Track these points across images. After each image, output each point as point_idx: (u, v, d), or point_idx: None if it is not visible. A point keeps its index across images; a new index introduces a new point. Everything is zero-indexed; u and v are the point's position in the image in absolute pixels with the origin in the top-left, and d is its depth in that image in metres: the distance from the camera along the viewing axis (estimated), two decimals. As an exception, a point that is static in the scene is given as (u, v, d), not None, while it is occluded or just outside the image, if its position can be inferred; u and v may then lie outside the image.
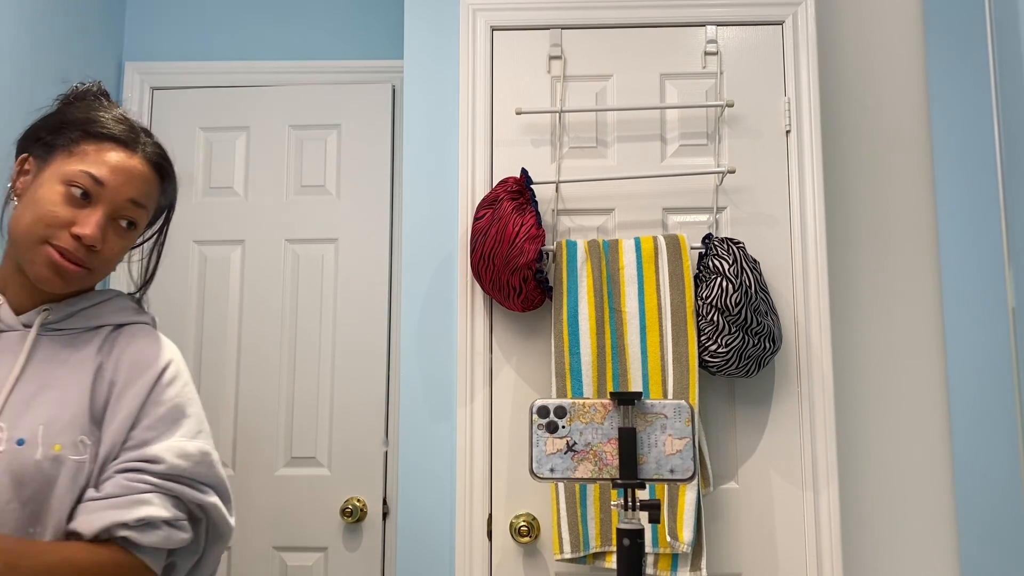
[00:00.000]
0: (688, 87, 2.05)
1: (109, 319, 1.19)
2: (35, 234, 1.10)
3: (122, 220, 1.16)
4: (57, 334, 1.16)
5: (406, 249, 2.03)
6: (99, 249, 1.13)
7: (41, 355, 1.13)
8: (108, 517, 1.04)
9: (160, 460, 1.08)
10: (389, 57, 2.63)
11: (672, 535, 1.77)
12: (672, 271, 1.86)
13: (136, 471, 1.08)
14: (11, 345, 1.12)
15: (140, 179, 1.17)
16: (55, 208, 1.11)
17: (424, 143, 2.06)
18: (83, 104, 1.22)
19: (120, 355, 1.16)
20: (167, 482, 1.09)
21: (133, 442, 1.10)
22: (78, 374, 1.12)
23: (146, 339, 1.19)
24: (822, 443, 1.90)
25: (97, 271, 1.16)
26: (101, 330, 1.18)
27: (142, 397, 1.13)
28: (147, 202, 1.19)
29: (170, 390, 1.15)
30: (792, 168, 2.00)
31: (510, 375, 1.96)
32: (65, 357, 1.13)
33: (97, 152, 1.15)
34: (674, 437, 0.97)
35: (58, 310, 1.16)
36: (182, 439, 1.12)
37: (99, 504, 1.05)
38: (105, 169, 1.14)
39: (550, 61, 2.05)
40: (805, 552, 1.89)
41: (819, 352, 1.93)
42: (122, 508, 1.05)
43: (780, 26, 2.06)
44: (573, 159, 2.02)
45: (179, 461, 1.10)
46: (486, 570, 1.89)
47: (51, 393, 1.10)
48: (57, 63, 2.34)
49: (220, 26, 2.70)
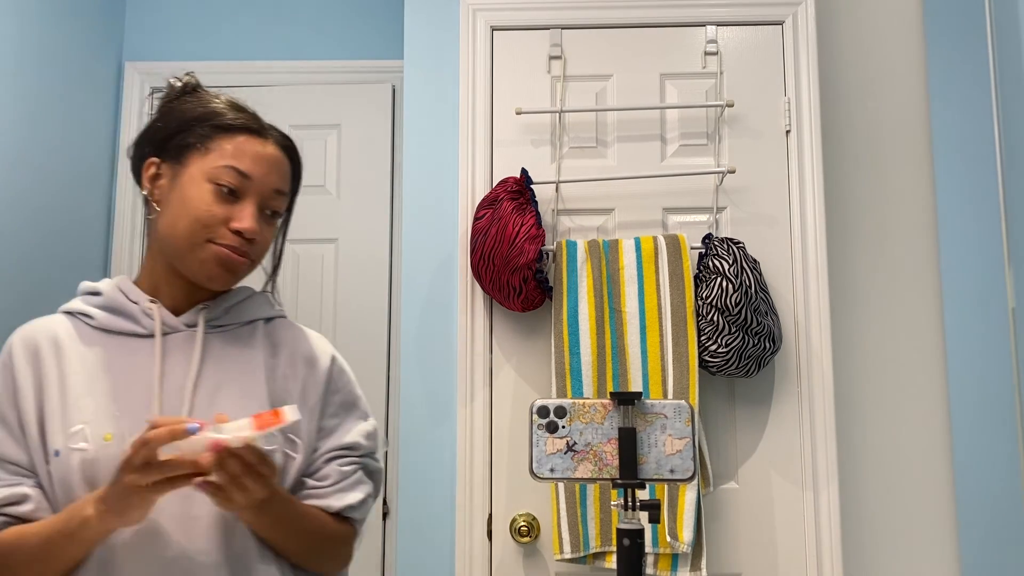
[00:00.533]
0: (688, 87, 2.05)
1: (258, 313, 1.22)
2: (197, 236, 1.11)
3: (268, 210, 1.17)
4: (218, 331, 1.18)
5: (406, 249, 2.03)
6: (257, 240, 1.15)
7: (212, 352, 1.15)
8: (343, 500, 1.17)
9: (358, 446, 1.22)
10: (389, 57, 2.62)
11: (672, 535, 1.77)
12: (672, 271, 1.86)
13: (342, 458, 1.20)
14: (179, 345, 1.14)
15: (279, 167, 1.18)
16: (210, 207, 1.11)
17: (424, 143, 2.06)
18: (194, 98, 1.20)
19: (287, 349, 1.22)
20: (363, 459, 1.23)
21: (326, 431, 1.21)
22: (251, 368, 1.16)
23: (303, 332, 1.26)
24: (822, 443, 1.90)
25: (255, 262, 1.18)
26: (255, 324, 1.22)
27: (321, 388, 1.21)
28: (286, 188, 1.20)
29: (342, 378, 1.25)
30: (792, 168, 2.00)
31: (510, 375, 1.96)
32: (234, 353, 1.16)
33: (233, 145, 1.14)
34: (674, 437, 0.98)
35: (215, 307, 1.18)
36: (360, 421, 1.24)
37: (330, 490, 1.17)
38: (248, 161, 1.14)
39: (550, 61, 2.05)
40: (805, 552, 1.89)
41: (819, 352, 1.93)
42: (347, 491, 1.18)
43: (780, 26, 2.05)
44: (573, 159, 2.02)
45: (367, 442, 1.24)
46: (486, 570, 1.89)
47: (231, 388, 1.13)
48: (57, 63, 2.34)
49: (220, 26, 2.70)
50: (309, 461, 1.19)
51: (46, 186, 2.27)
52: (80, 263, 2.45)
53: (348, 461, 1.20)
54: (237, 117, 1.17)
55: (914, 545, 1.95)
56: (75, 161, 2.42)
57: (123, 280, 1.19)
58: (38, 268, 2.23)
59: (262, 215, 1.16)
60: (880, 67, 2.11)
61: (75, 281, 2.61)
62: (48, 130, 2.29)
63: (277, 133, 1.21)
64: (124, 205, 2.59)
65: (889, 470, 1.97)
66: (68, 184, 2.39)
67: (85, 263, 2.48)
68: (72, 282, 2.39)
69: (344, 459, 1.20)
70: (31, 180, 2.21)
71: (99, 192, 2.56)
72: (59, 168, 2.34)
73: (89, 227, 2.50)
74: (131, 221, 2.59)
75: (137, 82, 2.64)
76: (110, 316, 1.14)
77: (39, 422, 1.08)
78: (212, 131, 1.15)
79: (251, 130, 1.16)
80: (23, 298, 2.17)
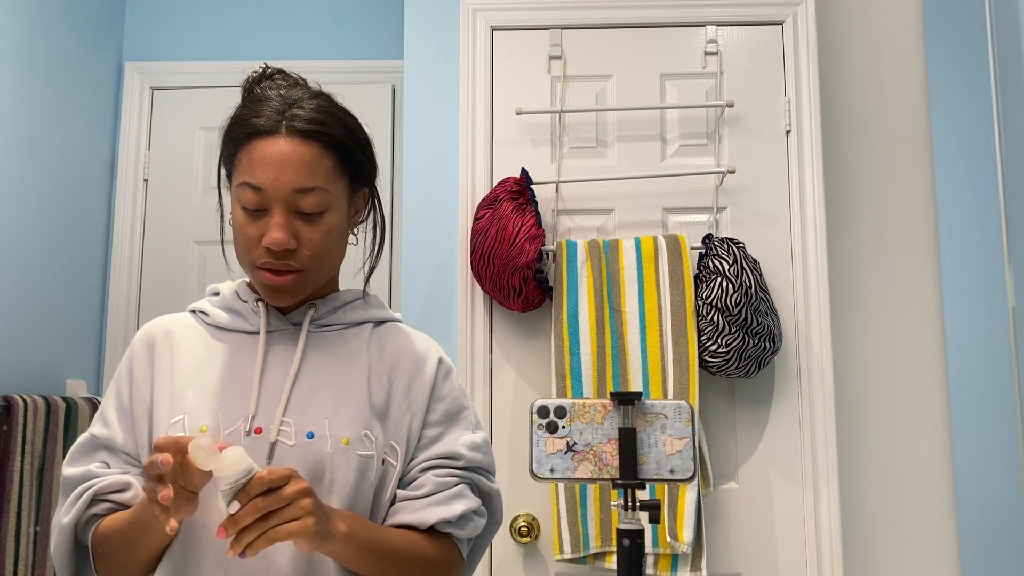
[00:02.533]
0: (688, 87, 2.05)
1: (370, 316, 1.19)
2: (245, 261, 1.10)
3: (299, 211, 1.07)
4: (325, 331, 1.16)
5: (406, 249, 2.03)
6: (296, 248, 1.07)
7: (314, 351, 1.13)
8: (437, 514, 1.08)
9: (460, 456, 1.13)
10: (389, 57, 2.62)
11: (672, 535, 1.77)
12: (672, 271, 1.86)
13: (441, 467, 1.12)
14: (283, 343, 1.13)
15: (292, 163, 1.05)
16: (245, 229, 1.07)
17: (424, 143, 2.06)
18: (240, 104, 1.14)
19: (393, 352, 1.16)
20: (468, 472, 1.13)
21: (426, 440, 1.13)
22: (353, 369, 1.12)
23: (412, 337, 1.20)
24: (822, 443, 1.90)
25: (313, 269, 1.09)
26: (364, 326, 1.18)
27: (426, 394, 1.15)
28: (313, 181, 1.06)
29: (447, 384, 1.18)
30: (792, 168, 2.00)
31: (510, 375, 1.96)
32: (337, 352, 1.14)
33: (247, 155, 1.06)
34: (674, 437, 0.97)
35: (323, 306, 1.16)
36: (467, 431, 1.16)
37: (423, 502, 1.09)
38: (258, 171, 1.05)
39: (550, 61, 2.05)
40: (805, 552, 1.89)
41: (819, 352, 1.93)
42: (444, 504, 1.09)
43: (780, 26, 2.05)
44: (573, 159, 2.02)
45: (473, 454, 1.14)
46: (486, 570, 1.89)
47: (330, 388, 1.10)
48: (57, 63, 2.34)
49: (220, 26, 2.70)
50: (405, 471, 1.12)
51: (46, 186, 2.27)
52: (80, 263, 2.45)
53: (448, 472, 1.11)
54: (252, 121, 1.07)
55: (914, 545, 1.95)
56: (75, 161, 2.42)
57: (240, 282, 1.20)
58: (38, 268, 2.23)
59: (296, 218, 1.07)
60: (880, 67, 2.11)
61: (75, 281, 2.62)
62: (48, 130, 2.29)
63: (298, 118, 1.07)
64: (124, 205, 2.59)
65: (889, 470, 1.97)
66: (68, 184, 2.39)
67: (85, 263, 2.48)
68: (72, 282, 2.40)
69: (443, 469, 1.12)
70: (31, 180, 2.21)
71: (99, 192, 2.56)
72: (59, 168, 2.34)
73: (89, 227, 2.50)
74: (131, 221, 2.59)
75: (137, 82, 2.64)
76: (224, 314, 1.16)
77: (149, 412, 1.10)
78: (235, 146, 1.09)
79: (260, 131, 1.06)
80: (23, 298, 2.17)
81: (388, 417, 1.12)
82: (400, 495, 1.10)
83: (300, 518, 0.91)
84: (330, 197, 1.08)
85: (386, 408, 1.12)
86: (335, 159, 1.09)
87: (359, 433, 1.08)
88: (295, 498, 0.91)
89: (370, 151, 1.16)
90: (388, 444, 1.10)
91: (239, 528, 0.88)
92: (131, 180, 2.61)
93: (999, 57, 1.92)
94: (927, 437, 1.98)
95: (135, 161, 2.61)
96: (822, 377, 1.92)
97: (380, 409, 1.11)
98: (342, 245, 1.15)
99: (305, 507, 0.92)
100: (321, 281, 1.13)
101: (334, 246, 1.11)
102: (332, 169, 1.08)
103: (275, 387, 1.09)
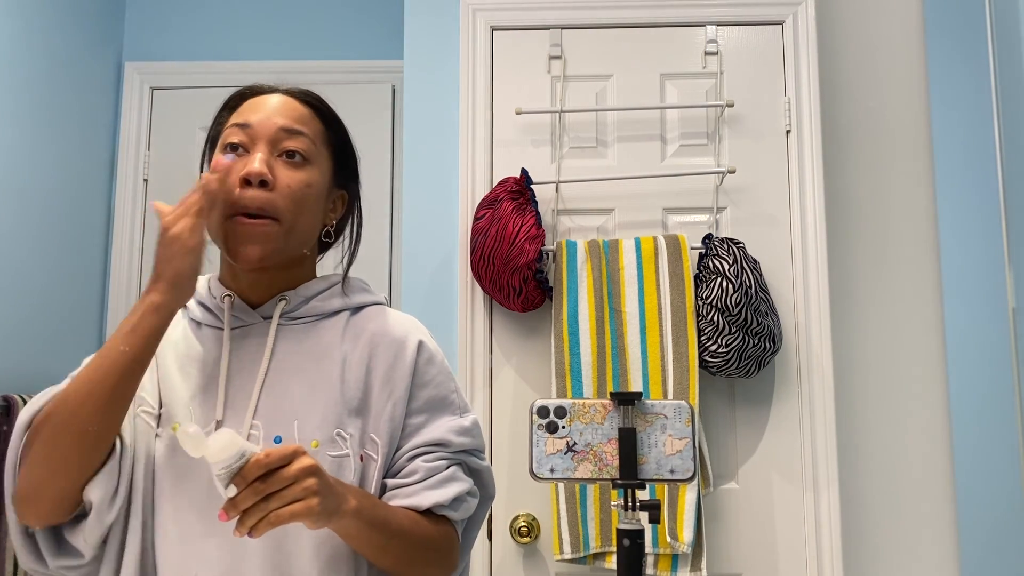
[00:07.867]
0: (688, 87, 2.05)
1: (345, 303, 1.14)
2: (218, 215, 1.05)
3: (284, 153, 1.08)
4: (297, 323, 1.11)
5: (406, 249, 2.03)
6: (272, 184, 1.05)
7: (285, 346, 1.09)
8: (431, 498, 1.06)
9: (449, 443, 1.10)
10: (389, 57, 2.62)
11: (672, 535, 1.77)
12: (672, 271, 1.86)
13: (429, 454, 1.09)
14: (253, 338, 1.10)
15: (285, 107, 1.10)
16: None
17: (424, 143, 2.06)
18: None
19: (370, 339, 1.11)
20: (458, 455, 1.12)
21: (411, 428, 1.10)
22: (325, 365, 1.08)
23: (390, 320, 1.15)
24: (822, 443, 1.90)
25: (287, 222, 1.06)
26: (340, 315, 1.13)
27: (407, 381, 1.10)
28: (303, 128, 1.10)
29: (430, 369, 1.13)
30: (792, 168, 2.00)
31: (510, 375, 1.96)
32: (309, 347, 1.09)
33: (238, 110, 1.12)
34: (674, 437, 0.97)
35: (294, 297, 1.12)
36: (454, 416, 1.13)
37: (417, 487, 1.07)
38: (248, 112, 1.10)
39: (550, 61, 2.05)
40: (805, 552, 1.89)
41: (819, 352, 1.93)
42: (437, 488, 1.07)
43: (780, 26, 2.05)
44: (573, 159, 2.02)
45: (462, 439, 1.12)
46: (486, 570, 1.89)
47: (300, 387, 1.06)
48: (57, 63, 2.34)
49: (220, 26, 2.70)
50: (392, 461, 1.09)
51: (46, 186, 2.27)
52: (80, 263, 2.45)
53: (438, 457, 1.09)
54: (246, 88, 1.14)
55: (914, 545, 1.95)
56: (75, 161, 2.42)
57: (212, 276, 1.17)
58: (38, 268, 2.23)
59: (280, 161, 1.07)
60: (880, 67, 2.11)
61: (75, 281, 2.61)
62: (48, 130, 2.29)
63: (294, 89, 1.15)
64: (124, 205, 2.59)
65: (889, 470, 1.97)
66: (68, 184, 2.39)
67: (85, 263, 2.48)
68: (72, 282, 2.40)
69: (432, 455, 1.09)
70: (31, 180, 2.21)
71: (99, 192, 2.56)
72: (59, 168, 2.34)
73: (89, 227, 2.50)
74: (131, 221, 2.59)
75: (137, 82, 2.64)
76: (198, 309, 1.14)
77: None
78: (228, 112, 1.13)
79: (256, 91, 1.13)
80: (23, 298, 2.17)
81: (367, 409, 1.08)
82: (391, 483, 1.08)
83: (303, 499, 0.88)
84: (314, 151, 1.11)
85: (364, 400, 1.08)
86: (323, 127, 1.14)
87: (330, 434, 1.05)
88: (298, 478, 0.88)
89: (354, 154, 1.19)
90: (367, 438, 1.07)
91: (239, 511, 0.87)
92: (131, 180, 2.61)
93: (999, 57, 1.92)
94: (927, 437, 1.98)
95: (135, 161, 2.61)
96: (822, 377, 1.92)
97: (357, 403, 1.08)
98: (318, 210, 1.12)
99: (309, 487, 0.89)
100: (292, 247, 1.09)
101: (310, 205, 1.09)
102: (320, 133, 1.13)
103: (244, 389, 1.07)
